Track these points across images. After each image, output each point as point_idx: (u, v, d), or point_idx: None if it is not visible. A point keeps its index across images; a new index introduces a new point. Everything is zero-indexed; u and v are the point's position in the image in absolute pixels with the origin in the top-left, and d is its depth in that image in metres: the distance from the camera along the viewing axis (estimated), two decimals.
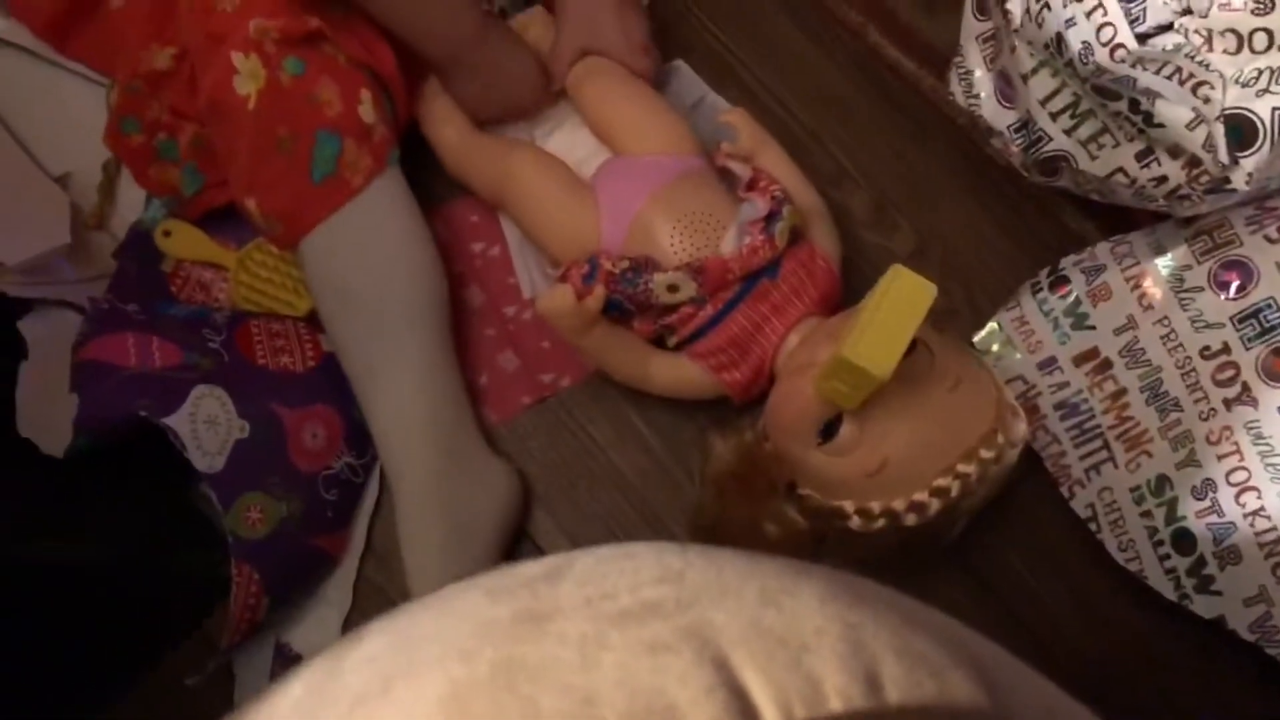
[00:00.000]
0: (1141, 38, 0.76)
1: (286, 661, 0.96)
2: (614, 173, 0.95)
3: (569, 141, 1.00)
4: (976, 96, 0.95)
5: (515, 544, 0.98)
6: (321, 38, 0.91)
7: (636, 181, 0.92)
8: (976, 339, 0.98)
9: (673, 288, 0.88)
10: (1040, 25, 0.81)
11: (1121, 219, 0.98)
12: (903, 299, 0.72)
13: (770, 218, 0.88)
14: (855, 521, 0.82)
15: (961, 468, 0.80)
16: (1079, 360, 0.93)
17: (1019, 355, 0.96)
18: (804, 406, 0.81)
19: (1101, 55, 0.77)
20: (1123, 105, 0.80)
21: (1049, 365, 0.94)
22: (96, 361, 0.88)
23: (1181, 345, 0.88)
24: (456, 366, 0.98)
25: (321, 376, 0.96)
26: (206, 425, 0.86)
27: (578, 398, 1.02)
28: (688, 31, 1.07)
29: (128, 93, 1.02)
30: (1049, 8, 0.80)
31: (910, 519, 0.80)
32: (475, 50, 0.97)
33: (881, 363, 0.71)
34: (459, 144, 1.01)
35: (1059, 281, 0.95)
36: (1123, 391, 0.90)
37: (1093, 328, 0.92)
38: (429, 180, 1.03)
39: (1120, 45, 0.76)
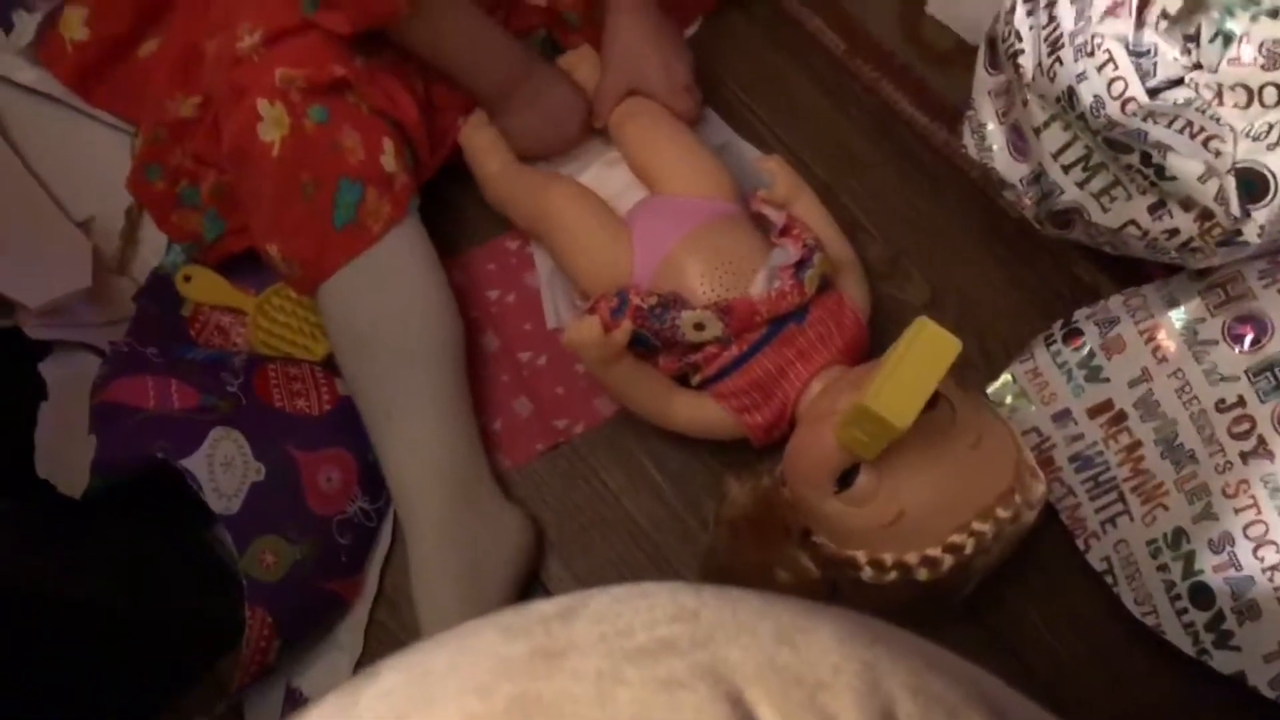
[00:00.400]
0: (1152, 92, 0.77)
1: (297, 705, 0.96)
2: (650, 211, 0.97)
3: (604, 176, 1.03)
4: (989, 149, 0.95)
5: (528, 589, 0.98)
6: (346, 87, 0.93)
7: (671, 220, 0.94)
8: (991, 390, 0.98)
9: (699, 326, 0.88)
10: (1052, 79, 0.82)
11: (1134, 271, 0.98)
12: (926, 351, 0.72)
13: (801, 264, 0.89)
14: (867, 573, 0.82)
15: (977, 525, 0.79)
16: (1093, 412, 0.93)
17: (1033, 407, 0.96)
18: (823, 454, 0.81)
19: (1113, 109, 0.78)
20: (1134, 158, 0.81)
21: (1063, 417, 0.94)
22: (115, 403, 0.89)
23: (1196, 398, 0.88)
24: (471, 412, 0.98)
25: (337, 420, 0.97)
26: (223, 468, 0.87)
27: (591, 444, 1.02)
28: (705, 84, 1.08)
29: (152, 140, 1.04)
30: (1060, 62, 0.81)
31: (923, 573, 0.80)
32: (521, 85, 1.00)
33: (902, 413, 0.71)
34: (500, 175, 1.04)
35: (1072, 334, 0.95)
36: (1138, 444, 0.90)
37: (1107, 380, 0.92)
38: (446, 228, 1.05)
39: (1131, 99, 0.77)
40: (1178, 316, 0.90)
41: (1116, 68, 0.77)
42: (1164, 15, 0.76)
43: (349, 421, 0.96)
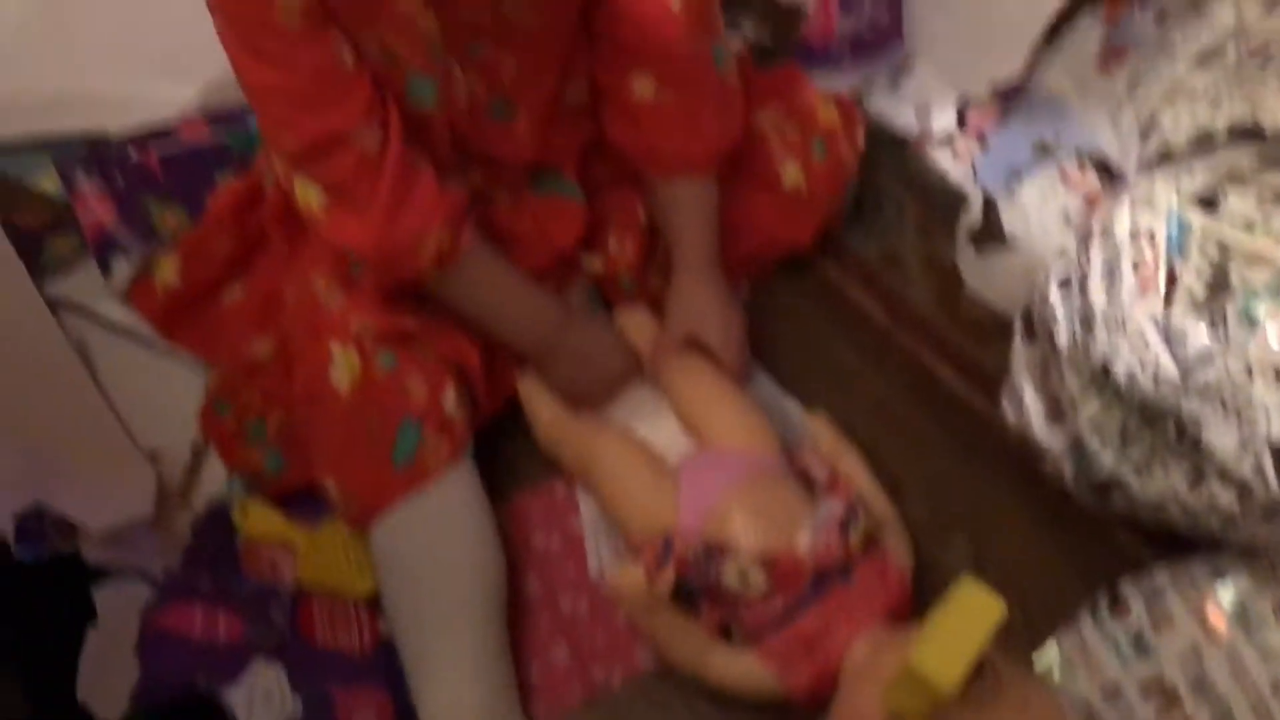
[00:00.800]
0: (1184, 369, 0.80)
1: None
2: (698, 462, 1.00)
3: (655, 424, 1.06)
4: (1027, 418, 0.98)
5: None
6: (413, 336, 0.99)
7: (718, 472, 0.97)
8: (1038, 661, 0.96)
9: (743, 577, 0.89)
10: (1086, 354, 0.86)
11: (1176, 540, 0.98)
12: (971, 614, 0.73)
13: (846, 522, 0.91)
14: None
15: None
16: (1145, 690, 0.90)
17: (1081, 681, 0.94)
18: (869, 718, 0.80)
19: (1146, 383, 0.81)
20: (1170, 431, 0.83)
21: (1113, 694, 0.91)
22: (163, 630, 0.90)
23: (1252, 678, 0.86)
24: (509, 661, 0.98)
25: (377, 659, 0.97)
26: (262, 700, 0.87)
27: (630, 697, 1.01)
28: (754, 344, 1.13)
29: (225, 378, 1.10)
30: (1094, 338, 0.85)
31: None
32: (558, 343, 1.05)
33: (948, 676, 0.70)
34: (552, 423, 1.08)
35: (1119, 606, 0.94)
36: None
37: (1157, 656, 0.91)
38: (498, 472, 1.08)
39: (1165, 373, 0.80)
40: (1226, 592, 0.89)
41: (1148, 345, 0.80)
42: (1190, 296, 0.80)
43: (388, 662, 0.97)
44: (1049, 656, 0.96)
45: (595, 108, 1.08)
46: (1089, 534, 1.05)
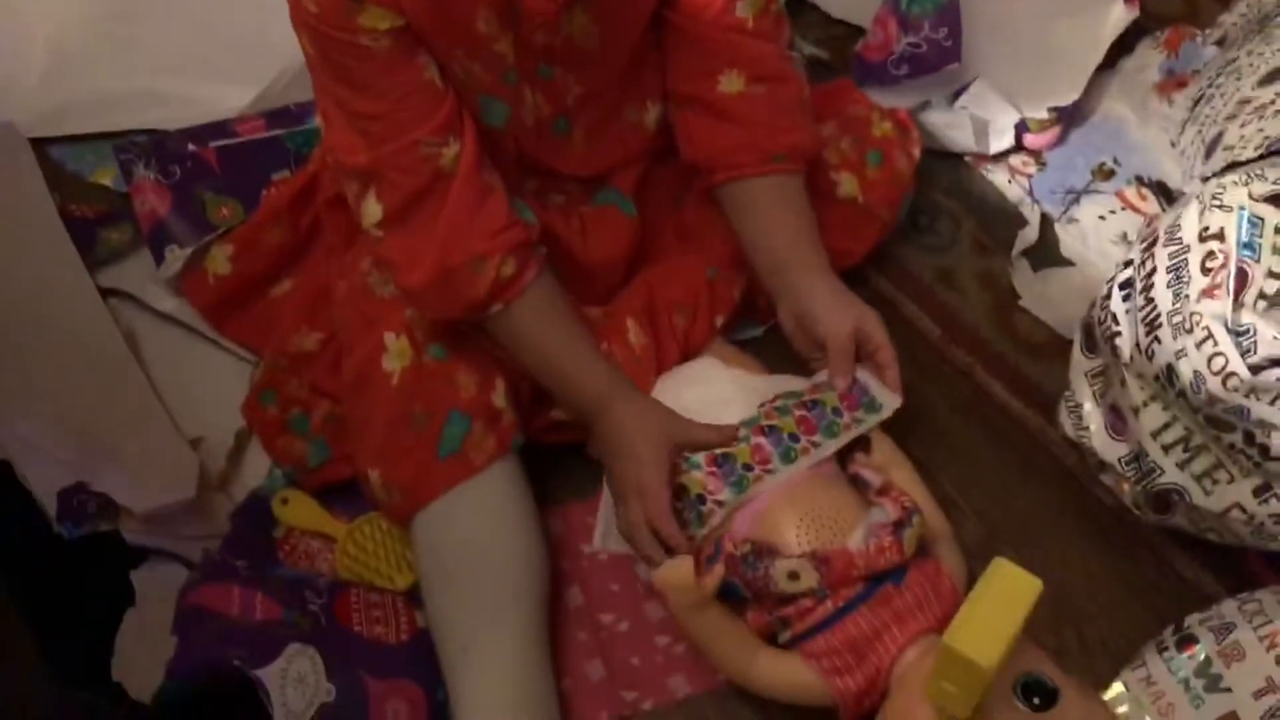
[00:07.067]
0: (1254, 369, 0.78)
1: None
2: None
3: (707, 400, 1.02)
4: (1086, 429, 0.96)
5: None
6: (465, 332, 0.98)
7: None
8: (1106, 699, 0.93)
9: (794, 575, 0.87)
10: (1150, 358, 0.84)
11: (1233, 566, 0.96)
12: (1006, 592, 0.72)
13: (899, 524, 0.89)
14: None
15: None
16: None
17: (1149, 719, 0.90)
18: None
19: (1214, 384, 0.79)
20: (1237, 438, 0.81)
21: None
22: (200, 607, 0.89)
23: None
24: (549, 661, 0.96)
25: (413, 652, 0.95)
26: (296, 683, 0.85)
27: (669, 712, 0.98)
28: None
29: (271, 368, 1.11)
30: (1159, 341, 0.83)
31: None
32: (595, 419, 0.98)
33: (986, 653, 0.69)
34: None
35: (1186, 640, 0.90)
36: None
37: (1228, 690, 0.86)
38: (556, 478, 1.07)
39: (1233, 374, 0.78)
40: None
41: (1216, 344, 0.79)
42: (1262, 296, 0.79)
43: (424, 656, 0.95)
44: (1115, 693, 0.93)
45: (675, 127, 1.06)
46: (1146, 560, 1.03)
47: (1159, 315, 0.83)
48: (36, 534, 0.96)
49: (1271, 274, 0.80)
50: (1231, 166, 0.93)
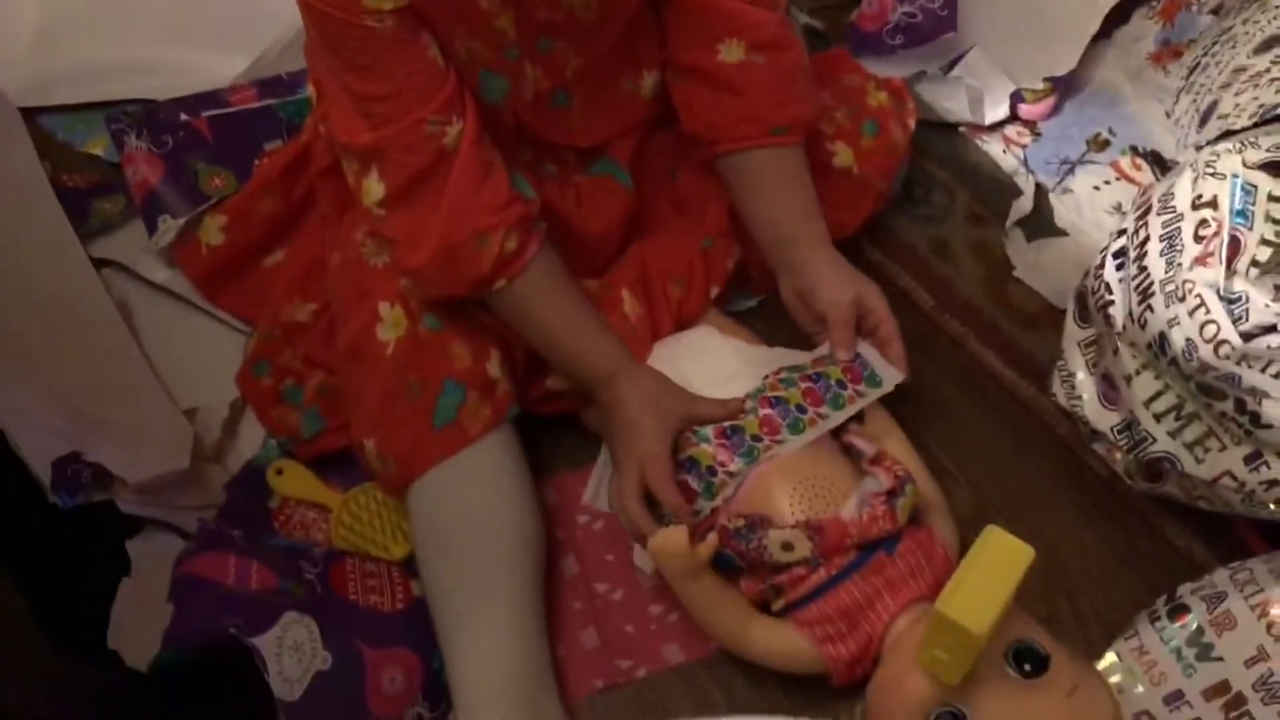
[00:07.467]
0: (1245, 336, 0.78)
1: None
2: None
3: (709, 371, 1.02)
4: (1079, 398, 0.96)
5: None
6: (460, 302, 0.98)
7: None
8: (1099, 669, 0.93)
9: (788, 546, 0.87)
10: (1143, 326, 0.84)
11: (1224, 534, 0.97)
12: (998, 559, 0.72)
13: (892, 493, 0.89)
14: None
15: None
16: (1209, 695, 0.87)
17: (1141, 688, 0.90)
18: (910, 692, 0.78)
19: (1205, 352, 0.79)
20: (1228, 405, 0.81)
21: (1176, 699, 0.88)
22: (196, 576, 0.89)
23: None
24: (544, 628, 0.97)
25: (408, 620, 0.96)
26: (292, 651, 0.86)
27: (664, 679, 0.99)
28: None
29: (265, 339, 1.10)
30: (1151, 309, 0.83)
31: None
32: (600, 392, 0.98)
33: (978, 620, 0.69)
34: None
35: (1178, 610, 0.91)
36: None
37: (1220, 659, 0.87)
38: (550, 447, 1.07)
39: (1224, 342, 0.78)
40: None
41: (1208, 311, 0.79)
42: (1254, 263, 0.79)
43: (420, 624, 0.95)
44: (1107, 663, 0.94)
45: (675, 97, 1.06)
46: (1138, 529, 1.04)
47: (1152, 284, 0.84)
48: (32, 504, 0.96)
49: (1264, 241, 0.80)
50: (1226, 135, 0.93)
